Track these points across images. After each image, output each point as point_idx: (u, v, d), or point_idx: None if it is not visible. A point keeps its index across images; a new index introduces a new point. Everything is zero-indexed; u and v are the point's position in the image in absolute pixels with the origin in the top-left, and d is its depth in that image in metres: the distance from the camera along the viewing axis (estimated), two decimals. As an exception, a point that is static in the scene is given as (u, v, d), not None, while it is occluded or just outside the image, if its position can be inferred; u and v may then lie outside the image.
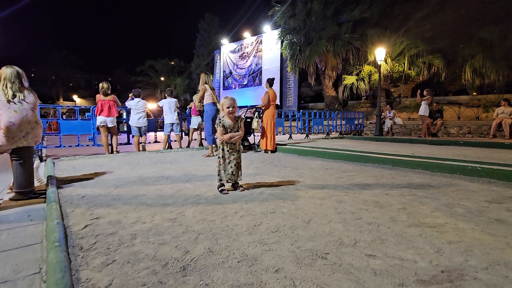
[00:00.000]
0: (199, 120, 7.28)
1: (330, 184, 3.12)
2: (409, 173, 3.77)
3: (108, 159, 5.20)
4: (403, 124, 12.10)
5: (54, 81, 41.70)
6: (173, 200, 2.50)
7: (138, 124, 6.13)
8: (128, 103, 6.29)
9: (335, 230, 1.80)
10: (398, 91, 19.97)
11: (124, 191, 2.84)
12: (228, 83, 24.04)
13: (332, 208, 2.26)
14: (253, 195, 2.67)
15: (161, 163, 4.72)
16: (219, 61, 24.86)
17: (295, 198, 2.53)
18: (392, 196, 2.61)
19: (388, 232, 1.77)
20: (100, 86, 5.71)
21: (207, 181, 3.29)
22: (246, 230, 1.81)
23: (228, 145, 2.73)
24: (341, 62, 15.82)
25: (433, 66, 13.91)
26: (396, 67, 14.38)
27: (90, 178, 3.51)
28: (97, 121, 5.70)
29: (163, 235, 1.75)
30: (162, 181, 3.29)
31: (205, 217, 2.07)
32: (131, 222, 1.97)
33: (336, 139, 9.98)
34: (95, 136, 6.08)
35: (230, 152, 2.73)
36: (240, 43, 22.78)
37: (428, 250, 1.53)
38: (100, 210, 2.25)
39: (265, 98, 5.86)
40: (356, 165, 4.40)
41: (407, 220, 1.97)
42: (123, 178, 3.50)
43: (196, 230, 1.82)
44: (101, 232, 1.79)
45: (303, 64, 15.95)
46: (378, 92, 11.14)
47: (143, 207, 2.31)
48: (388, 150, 6.17)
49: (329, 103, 17.18)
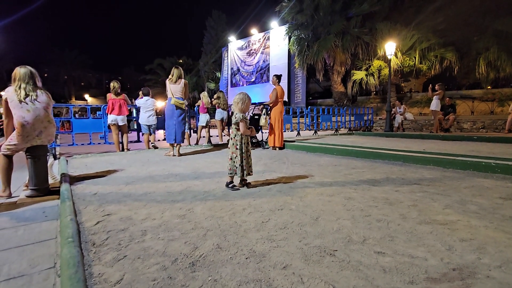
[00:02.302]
0: (207, 118, 7.32)
1: (339, 180, 3.10)
2: (420, 169, 3.71)
3: (119, 156, 5.29)
4: (414, 119, 11.86)
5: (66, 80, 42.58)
6: (182, 197, 2.53)
7: (148, 122, 6.21)
8: (138, 101, 6.37)
9: (344, 227, 1.78)
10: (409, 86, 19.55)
11: (135, 188, 2.88)
12: (235, 80, 24.04)
13: (340, 205, 2.24)
14: (261, 192, 2.67)
15: (170, 160, 4.76)
16: (226, 58, 24.86)
17: (304, 195, 2.52)
18: (403, 193, 2.57)
19: (398, 229, 1.75)
20: (111, 85, 5.80)
21: (216, 178, 3.31)
22: (254, 227, 1.81)
23: (246, 139, 2.81)
24: (350, 57, 15.58)
25: (445, 59, 13.55)
26: (407, 61, 14.08)
27: (101, 175, 3.58)
28: (108, 120, 5.80)
29: (172, 231, 1.77)
30: (171, 178, 3.33)
31: (214, 213, 2.08)
32: (142, 219, 2.00)
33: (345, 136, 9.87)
34: (106, 134, 6.19)
35: (246, 146, 2.81)
36: (248, 39, 22.70)
37: (439, 248, 1.50)
38: (112, 206, 2.29)
39: (273, 94, 5.84)
40: (366, 162, 4.36)
41: (417, 217, 1.94)
42: (134, 175, 3.56)
43: (204, 226, 1.84)
44: (113, 228, 1.83)
45: (311, 60, 15.78)
46: (388, 87, 10.94)
47: (153, 204, 2.34)
48: (398, 146, 6.07)
49: (338, 99, 16.97)
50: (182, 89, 5.05)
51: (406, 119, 11.69)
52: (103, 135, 6.20)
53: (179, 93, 5.04)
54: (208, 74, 28.58)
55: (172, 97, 4.97)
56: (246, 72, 22.92)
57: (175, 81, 5.00)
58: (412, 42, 13.85)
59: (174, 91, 5.00)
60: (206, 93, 7.64)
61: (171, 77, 5.01)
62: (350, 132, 11.00)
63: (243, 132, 2.75)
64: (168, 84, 5.01)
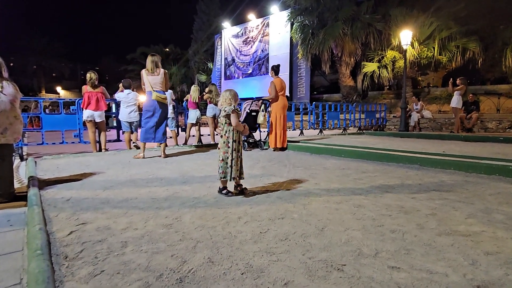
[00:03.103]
0: (197, 114, 7.31)
1: (348, 186, 3.10)
2: (439, 173, 3.73)
3: (96, 158, 5.27)
4: (432, 117, 11.95)
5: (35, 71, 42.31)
6: (169, 204, 2.52)
7: (129, 118, 6.18)
8: (118, 95, 6.35)
9: (353, 239, 1.79)
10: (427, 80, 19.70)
11: (114, 194, 2.87)
12: (230, 72, 24.06)
13: (349, 213, 2.25)
14: (258, 198, 2.67)
15: (154, 162, 4.75)
16: (220, 47, 24.88)
17: (307, 202, 2.53)
18: (420, 200, 2.58)
19: (414, 241, 1.76)
20: (88, 76, 5.77)
21: (207, 182, 3.31)
22: (251, 238, 1.81)
23: (238, 136, 2.78)
24: (360, 47, 15.66)
25: (467, 50, 13.64)
26: (425, 52, 14.17)
27: (76, 179, 3.56)
28: (84, 116, 5.77)
29: (157, 243, 1.77)
30: (156, 183, 3.32)
31: (205, 223, 2.08)
32: (122, 228, 1.99)
33: (355, 135, 9.90)
34: (81, 132, 6.15)
35: (238, 144, 2.78)
36: (244, 26, 22.75)
37: (461, 262, 1.51)
38: (87, 214, 2.28)
39: (272, 89, 5.84)
40: (378, 165, 4.37)
41: (436, 228, 1.95)
42: (113, 179, 3.54)
43: (194, 237, 1.83)
44: (88, 239, 1.82)
45: (316, 49, 15.84)
46: (404, 81, 11.00)
47: (135, 212, 2.33)
48: (415, 147, 6.10)
49: (346, 94, 17.05)
50: (162, 80, 4.95)
51: (423, 117, 11.77)
52: (78, 133, 6.17)
53: (159, 86, 4.93)
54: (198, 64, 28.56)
55: (153, 92, 4.86)
56: (242, 63, 22.96)
57: (153, 72, 4.89)
58: (430, 30, 13.95)
59: (154, 83, 4.89)
60: (197, 86, 7.64)
61: (148, 67, 4.89)
62: (360, 131, 11.05)
63: (235, 125, 2.71)
64: (145, 75, 4.91)
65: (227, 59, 24.20)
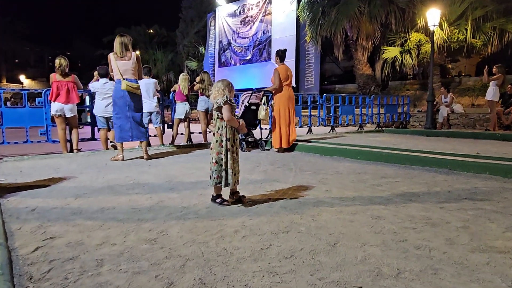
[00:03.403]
0: (186, 108, 7.31)
1: (364, 194, 3.11)
2: (472, 179, 3.73)
3: (67, 160, 5.27)
4: (464, 112, 11.96)
5: (-6, 56, 42.31)
6: (153, 215, 2.52)
7: (106, 113, 6.17)
8: (92, 85, 6.34)
9: (371, 256, 1.79)
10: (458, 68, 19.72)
11: (88, 203, 2.86)
12: (225, 58, 24.07)
13: (366, 226, 2.25)
14: (259, 208, 2.67)
15: (136, 165, 4.75)
16: (213, 28, 24.88)
17: (317, 213, 2.53)
18: (449, 210, 2.58)
19: (443, 259, 1.76)
20: (56, 63, 5.76)
21: (198, 189, 3.31)
22: (250, 256, 1.81)
23: (232, 132, 2.76)
24: (380, 28, 15.64)
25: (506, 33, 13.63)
26: (455, 35, 14.16)
27: (42, 185, 3.55)
28: (52, 109, 5.77)
29: (139, 261, 1.77)
30: (137, 190, 3.32)
31: (195, 237, 2.08)
32: (97, 244, 1.99)
33: (373, 134, 9.91)
34: (49, 129, 6.15)
35: (232, 143, 2.77)
36: (242, 3, 22.74)
37: (498, 284, 1.51)
38: (56, 227, 2.28)
39: (275, 77, 5.85)
40: (400, 169, 4.38)
41: (469, 243, 1.96)
42: (86, 185, 3.54)
43: (183, 254, 1.83)
44: (57, 257, 1.81)
45: (327, 31, 15.82)
46: (431, 69, 11.00)
47: (112, 224, 2.33)
48: (443, 148, 6.10)
49: (363, 84, 17.05)
50: (134, 65, 4.93)
51: (453, 112, 11.79)
52: (45, 130, 6.17)
53: (131, 73, 4.92)
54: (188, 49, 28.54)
55: (122, 80, 4.82)
56: (240, 47, 22.96)
57: (123, 56, 4.87)
58: (462, 9, 13.94)
59: (124, 70, 4.86)
60: (186, 74, 7.63)
61: (116, 50, 4.86)
62: (379, 129, 11.06)
63: (227, 119, 2.68)
64: (113, 60, 4.88)
65: (222, 43, 24.19)
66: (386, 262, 1.72)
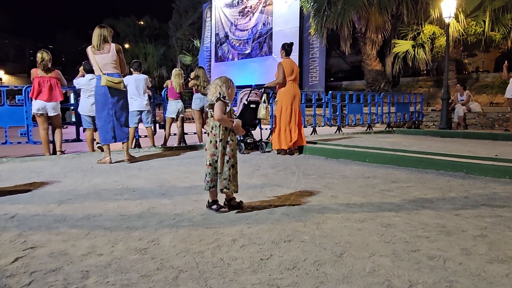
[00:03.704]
0: (179, 106, 7.31)
1: (373, 200, 3.11)
2: (490, 183, 3.74)
3: (49, 162, 5.27)
4: (481, 111, 11.98)
5: (-30, 50, 42.32)
6: (143, 223, 2.52)
7: (92, 112, 6.17)
8: (77, 81, 6.35)
9: (381, 267, 1.79)
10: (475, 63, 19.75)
11: (72, 209, 2.86)
12: (222, 52, 24.09)
13: (375, 234, 2.25)
14: (259, 215, 2.67)
15: (125, 168, 4.75)
16: (209, 20, 24.91)
17: (322, 221, 2.53)
18: (465, 217, 2.59)
19: (459, 270, 1.76)
20: (38, 57, 5.77)
21: (192, 194, 3.31)
22: (249, 267, 1.81)
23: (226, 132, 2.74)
24: (390, 20, 15.67)
25: (528, 25, 13.67)
26: (473, 27, 14.19)
27: (23, 190, 3.55)
28: (33, 108, 5.77)
29: (128, 272, 1.76)
30: (126, 195, 3.32)
31: (189, 247, 2.08)
32: (82, 254, 1.99)
33: (382, 134, 9.91)
34: (30, 129, 6.15)
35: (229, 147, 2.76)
36: (241, -8, 22.78)
37: (519, 298, 1.51)
38: (38, 236, 2.27)
39: (279, 71, 5.83)
40: (412, 173, 4.38)
41: (487, 253, 1.96)
42: (71, 190, 3.54)
43: (176, 265, 1.83)
44: (39, 268, 1.81)
45: (333, 23, 15.84)
46: (446, 64, 11.02)
47: (99, 232, 2.33)
48: (459, 150, 6.10)
49: (372, 80, 17.07)
50: (115, 58, 4.92)
51: (470, 111, 11.81)
52: (26, 130, 6.17)
53: (111, 67, 4.90)
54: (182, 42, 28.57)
55: (102, 75, 4.81)
56: (238, 41, 22.98)
57: (101, 48, 4.85)
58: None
59: (103, 64, 4.85)
60: (179, 70, 7.64)
61: (93, 43, 4.84)
62: (390, 129, 11.07)
63: (217, 118, 2.65)
64: (91, 53, 4.87)
65: (219, 36, 24.21)
66: (397, 273, 1.72)
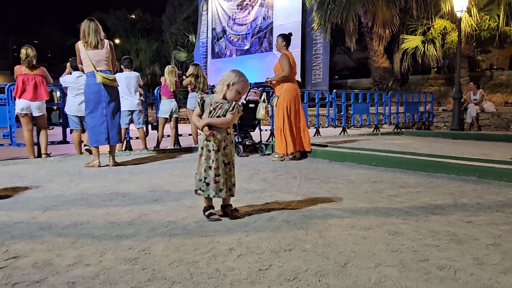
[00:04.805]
0: (172, 106, 7.30)
1: (380, 206, 3.11)
2: (505, 189, 3.74)
3: (34, 166, 5.26)
4: (496, 111, 12.00)
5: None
6: (134, 231, 2.52)
7: (80, 112, 6.18)
8: (64, 79, 6.35)
9: (387, 278, 1.79)
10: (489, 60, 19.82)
11: (58, 216, 2.86)
12: (220, 48, 24.11)
13: (382, 243, 2.25)
14: (258, 222, 2.67)
15: (115, 172, 4.75)
16: (205, 14, 24.95)
17: (325, 228, 2.53)
18: (478, 225, 2.59)
19: (470, 281, 1.76)
20: (22, 53, 5.77)
21: (186, 200, 3.30)
22: (247, 278, 1.81)
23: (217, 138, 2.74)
24: (399, 14, 15.71)
25: (545, 19, 13.72)
26: (486, 22, 14.23)
27: (5, 195, 3.54)
28: (17, 108, 5.77)
29: (117, 284, 1.76)
30: (116, 201, 3.31)
31: (183, 256, 2.08)
32: (68, 264, 1.98)
33: (390, 136, 9.92)
34: (13, 130, 6.14)
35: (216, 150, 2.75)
36: (239, -16, 22.82)
37: (534, 311, 1.52)
38: (21, 245, 2.27)
39: (284, 63, 5.48)
40: (422, 177, 4.38)
41: (501, 263, 1.96)
42: (57, 195, 3.53)
43: (168, 276, 1.83)
44: (22, 279, 1.81)
45: (338, 17, 15.86)
46: (458, 61, 11.04)
47: (86, 241, 2.33)
48: (472, 152, 6.10)
49: (379, 78, 17.10)
50: (108, 55, 4.93)
51: (483, 111, 11.82)
52: (8, 131, 6.16)
53: (104, 64, 4.91)
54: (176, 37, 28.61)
55: (97, 73, 4.81)
56: (236, 36, 23.01)
57: (94, 44, 4.85)
58: (494, -8, 14.02)
59: (97, 61, 4.85)
60: (173, 67, 7.64)
61: (86, 36, 4.83)
62: (398, 130, 11.08)
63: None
64: (83, 49, 4.85)
65: (216, 30, 24.25)
66: (404, 285, 1.72)
